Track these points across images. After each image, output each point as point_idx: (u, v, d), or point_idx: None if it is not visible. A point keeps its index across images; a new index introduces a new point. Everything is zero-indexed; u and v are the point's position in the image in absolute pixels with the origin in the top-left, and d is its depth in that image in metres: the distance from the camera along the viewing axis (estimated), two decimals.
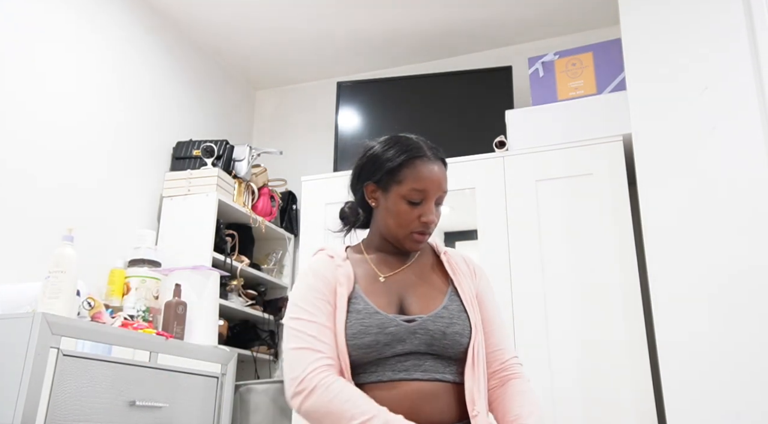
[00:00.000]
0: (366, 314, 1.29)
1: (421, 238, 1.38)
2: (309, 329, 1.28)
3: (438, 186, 1.36)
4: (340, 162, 3.08)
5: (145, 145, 2.91)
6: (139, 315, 2.35)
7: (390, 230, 1.39)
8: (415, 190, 1.35)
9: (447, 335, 1.29)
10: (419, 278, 1.41)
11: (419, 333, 1.28)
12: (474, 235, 2.58)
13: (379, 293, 1.35)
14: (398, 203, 1.36)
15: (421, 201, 1.35)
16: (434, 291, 1.38)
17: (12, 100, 2.29)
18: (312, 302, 1.31)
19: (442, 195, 1.38)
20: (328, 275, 1.35)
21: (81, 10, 2.63)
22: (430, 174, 1.36)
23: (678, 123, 2.24)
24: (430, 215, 1.35)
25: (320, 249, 1.46)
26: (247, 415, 2.73)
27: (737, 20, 2.21)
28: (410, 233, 1.37)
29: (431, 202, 1.36)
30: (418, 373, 1.27)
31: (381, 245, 1.44)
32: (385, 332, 1.27)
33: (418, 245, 1.39)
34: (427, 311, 1.32)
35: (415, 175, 1.35)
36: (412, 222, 1.36)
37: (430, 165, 1.37)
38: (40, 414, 1.70)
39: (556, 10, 3.05)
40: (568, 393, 2.28)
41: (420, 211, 1.35)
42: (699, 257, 2.10)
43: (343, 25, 3.18)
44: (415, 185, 1.35)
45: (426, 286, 1.39)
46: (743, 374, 1.96)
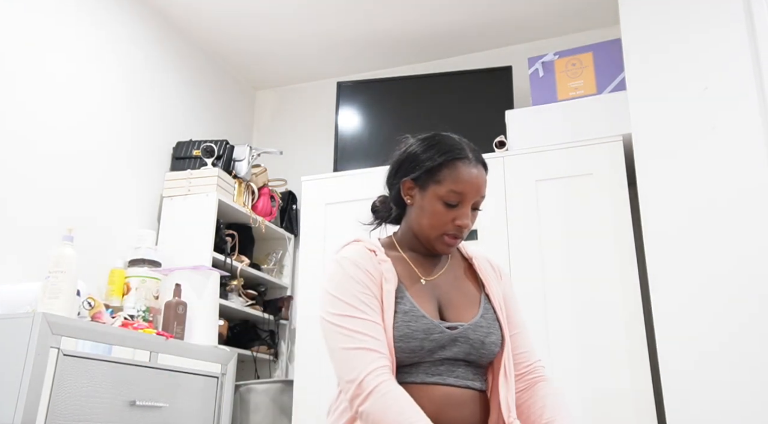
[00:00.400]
0: (413, 316, 1.26)
1: (453, 241, 1.34)
2: (362, 327, 1.22)
3: (477, 190, 1.33)
4: (340, 162, 3.08)
5: (145, 145, 2.92)
6: (139, 315, 2.35)
7: (422, 230, 1.35)
8: (453, 191, 1.31)
9: (485, 344, 1.29)
10: (454, 283, 1.39)
11: (460, 341, 1.27)
12: (474, 235, 2.58)
13: (422, 295, 1.32)
14: (434, 203, 1.32)
15: (457, 204, 1.31)
16: (469, 298, 1.37)
17: (12, 101, 2.30)
18: (359, 297, 1.25)
19: (480, 200, 1.35)
20: (371, 270, 1.29)
21: (81, 10, 2.63)
22: (470, 177, 1.32)
23: (678, 123, 2.24)
24: (465, 218, 1.32)
25: (355, 240, 1.38)
26: (247, 415, 2.73)
27: (737, 20, 2.21)
28: (442, 235, 1.33)
29: (468, 206, 1.33)
30: (451, 378, 1.26)
31: (414, 244, 1.40)
32: (430, 338, 1.25)
33: (449, 248, 1.36)
34: (465, 318, 1.31)
35: (455, 176, 1.31)
36: (446, 224, 1.32)
37: (471, 168, 1.33)
38: (40, 414, 1.70)
39: (556, 10, 3.05)
40: (568, 393, 2.28)
41: (455, 213, 1.32)
42: (699, 256, 2.11)
43: (343, 25, 3.18)
44: (454, 187, 1.31)
45: (461, 292, 1.38)
46: (745, 372, 1.96)
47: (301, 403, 2.65)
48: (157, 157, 2.98)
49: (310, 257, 2.84)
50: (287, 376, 3.16)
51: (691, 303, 2.08)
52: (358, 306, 1.24)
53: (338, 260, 1.32)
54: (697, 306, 2.07)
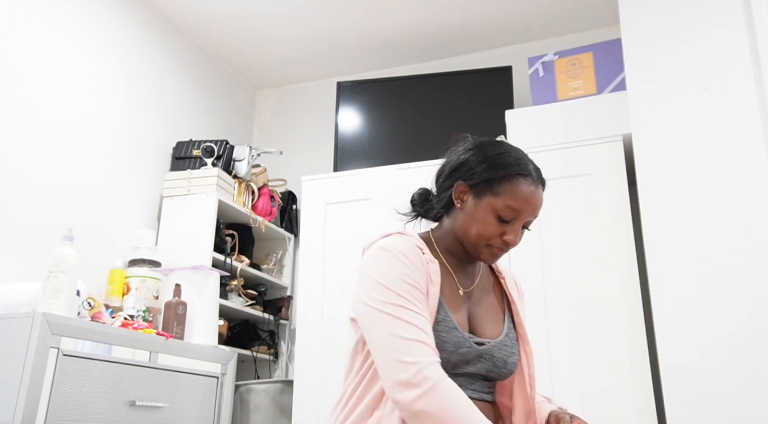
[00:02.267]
0: (445, 326, 1.24)
1: (498, 253, 1.31)
2: (416, 320, 1.17)
3: (533, 210, 1.29)
4: (340, 162, 3.08)
5: (145, 145, 2.92)
6: (139, 315, 2.35)
7: (468, 237, 1.31)
8: (509, 207, 1.27)
9: (507, 364, 1.29)
10: (483, 297, 1.38)
11: (485, 358, 1.26)
12: None
13: (455, 305, 1.30)
14: (487, 215, 1.28)
15: (511, 220, 1.28)
16: (496, 314, 1.36)
17: (12, 101, 2.30)
18: (410, 290, 1.20)
19: (533, 220, 1.32)
20: (420, 267, 1.24)
21: (81, 10, 2.63)
22: (529, 195, 1.28)
23: (678, 123, 2.24)
24: (514, 236, 1.29)
25: (399, 232, 1.32)
26: (247, 415, 2.73)
27: (737, 20, 2.21)
28: (488, 246, 1.30)
29: (520, 224, 1.29)
30: (468, 391, 1.24)
31: (453, 248, 1.36)
32: (459, 351, 1.23)
33: (493, 259, 1.33)
34: (492, 335, 1.31)
35: (515, 192, 1.27)
36: (495, 237, 1.29)
37: (532, 187, 1.29)
38: (40, 414, 1.70)
39: (556, 10, 3.05)
40: (569, 393, 2.28)
41: (506, 229, 1.28)
42: (699, 256, 2.10)
43: (343, 25, 3.18)
44: (512, 203, 1.27)
45: (489, 307, 1.37)
46: (745, 372, 1.96)
47: (301, 403, 2.65)
48: (157, 157, 2.98)
49: (310, 257, 2.84)
50: (287, 376, 3.16)
51: (691, 302, 2.08)
52: (410, 299, 1.19)
53: (387, 248, 1.25)
54: (697, 305, 2.07)
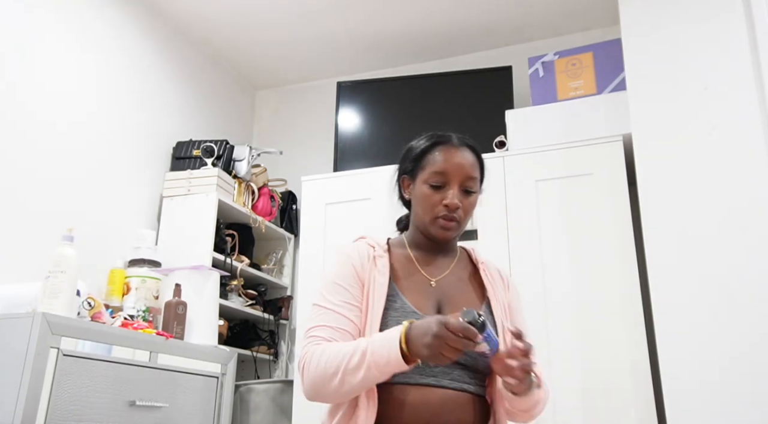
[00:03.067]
0: (403, 312, 1.27)
1: (447, 224, 1.34)
2: (324, 317, 1.29)
3: (460, 169, 1.34)
4: (340, 162, 3.08)
5: (145, 146, 2.91)
6: (139, 315, 2.35)
7: (419, 218, 1.38)
8: (435, 172, 1.34)
9: None
10: (457, 285, 1.38)
11: None
12: (474, 235, 2.58)
13: (419, 294, 1.32)
14: (422, 188, 1.36)
15: (443, 184, 1.34)
16: (470, 301, 1.36)
17: (12, 101, 2.29)
18: (337, 291, 1.31)
19: (468, 181, 1.35)
20: (358, 266, 1.33)
21: (81, 10, 2.63)
22: (452, 157, 1.35)
23: (678, 123, 2.24)
24: (452, 198, 1.32)
25: (361, 237, 1.43)
26: (247, 415, 2.73)
27: (737, 20, 2.21)
28: (435, 219, 1.34)
29: (454, 187, 1.34)
30: (446, 380, 1.25)
31: (419, 240, 1.41)
32: None
33: (445, 232, 1.35)
34: None
35: (436, 158, 1.36)
36: (436, 206, 1.33)
37: (454, 150, 1.36)
38: (40, 414, 1.70)
39: (556, 10, 3.05)
40: (568, 392, 2.28)
41: (443, 194, 1.33)
42: (699, 257, 2.10)
43: (343, 25, 3.18)
44: (436, 168, 1.34)
45: (463, 295, 1.37)
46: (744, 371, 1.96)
47: (300, 403, 2.65)
48: (157, 157, 2.98)
49: (310, 257, 2.84)
50: (287, 376, 3.16)
51: (691, 302, 2.08)
52: (333, 300, 1.30)
53: (338, 252, 1.38)
54: (697, 305, 2.07)
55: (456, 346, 1.08)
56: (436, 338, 1.08)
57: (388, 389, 1.23)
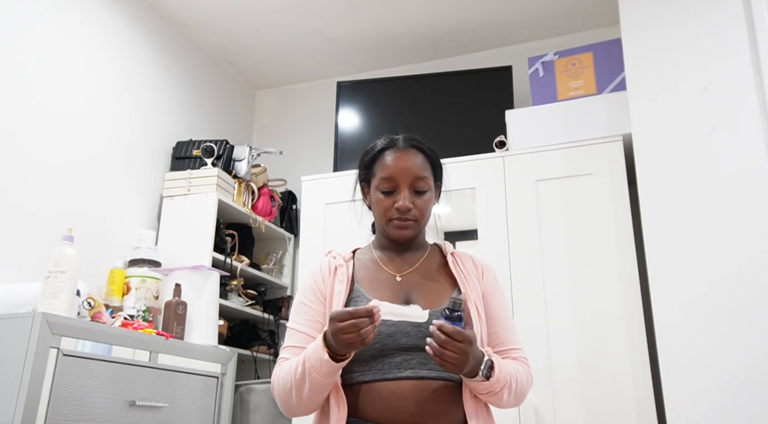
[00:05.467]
0: None
1: (402, 224, 1.38)
2: (293, 339, 1.36)
3: (406, 172, 1.38)
4: (340, 162, 3.08)
5: (145, 145, 2.91)
6: (139, 315, 2.35)
7: (378, 223, 1.45)
8: (383, 179, 1.39)
9: None
10: (426, 277, 1.41)
11: (423, 326, 1.27)
12: (474, 235, 2.58)
13: (384, 289, 1.37)
14: (376, 195, 1.41)
15: (393, 190, 1.38)
16: (440, 290, 1.39)
17: (12, 101, 2.29)
18: (301, 310, 1.38)
19: (417, 181, 1.38)
20: (324, 279, 1.40)
21: (81, 11, 2.63)
22: (397, 162, 1.38)
23: (678, 123, 2.24)
24: (403, 201, 1.36)
25: (328, 251, 1.50)
26: (247, 415, 2.73)
27: (737, 20, 2.21)
28: (390, 221, 1.39)
29: (404, 189, 1.37)
30: (424, 370, 1.26)
31: (384, 242, 1.47)
32: (388, 323, 1.26)
33: (402, 232, 1.39)
34: (432, 307, 1.31)
35: (383, 165, 1.40)
36: (388, 210, 1.38)
37: (399, 153, 1.40)
38: (40, 414, 1.70)
39: (556, 10, 3.05)
40: (568, 392, 2.28)
41: (394, 199, 1.38)
42: (699, 257, 2.10)
43: (343, 25, 3.18)
44: (383, 174, 1.39)
45: (432, 285, 1.40)
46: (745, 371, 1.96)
47: None
48: (157, 157, 2.98)
49: (310, 257, 2.83)
50: None
51: (691, 302, 2.08)
52: (297, 319, 1.38)
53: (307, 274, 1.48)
54: (697, 305, 2.07)
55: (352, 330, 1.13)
56: (334, 331, 1.15)
57: (366, 387, 1.27)
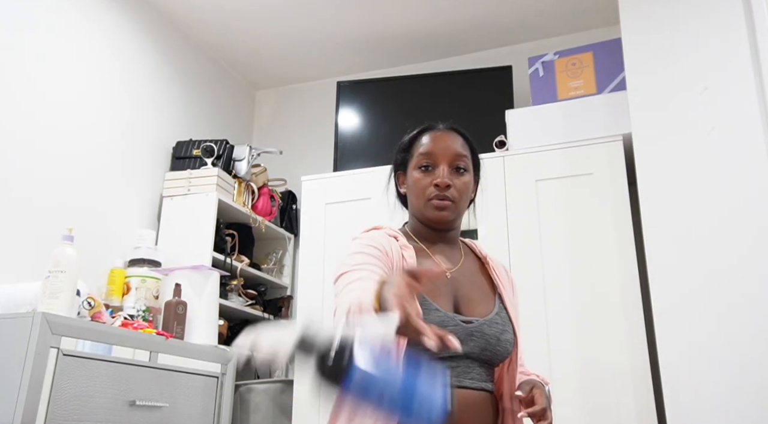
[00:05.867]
0: (425, 309, 1.21)
1: (441, 203, 1.32)
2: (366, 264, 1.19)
3: (446, 148, 1.34)
4: (340, 162, 3.08)
5: (145, 145, 2.91)
6: (139, 315, 2.35)
7: (415, 206, 1.37)
8: (422, 154, 1.35)
9: (501, 341, 1.26)
10: (469, 279, 1.36)
11: (476, 336, 1.24)
12: (474, 235, 2.58)
13: (437, 288, 1.28)
14: (413, 174, 1.36)
15: (431, 165, 1.34)
16: (485, 295, 1.34)
17: (11, 101, 2.29)
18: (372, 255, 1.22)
19: (457, 159, 1.34)
20: (388, 251, 1.26)
21: (81, 10, 2.63)
22: (437, 139, 1.36)
23: (678, 123, 2.24)
24: (441, 177, 1.31)
25: (375, 227, 1.36)
26: (247, 415, 2.73)
27: (737, 20, 2.21)
28: (428, 201, 1.32)
29: (442, 165, 1.33)
30: (467, 380, 1.23)
31: (422, 231, 1.38)
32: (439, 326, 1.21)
33: (440, 213, 1.32)
34: (481, 314, 1.28)
35: (421, 143, 1.37)
36: (427, 187, 1.32)
37: (440, 133, 1.38)
38: (40, 413, 1.70)
39: (556, 10, 3.05)
40: (568, 391, 2.28)
41: (433, 176, 1.33)
42: (699, 257, 2.10)
43: (343, 24, 3.18)
44: (422, 150, 1.36)
45: (476, 288, 1.35)
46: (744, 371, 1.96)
47: (300, 403, 2.65)
48: (157, 157, 2.98)
49: (310, 257, 2.84)
50: (287, 376, 3.16)
51: (691, 301, 2.08)
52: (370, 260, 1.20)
53: (359, 236, 1.32)
54: (697, 304, 2.07)
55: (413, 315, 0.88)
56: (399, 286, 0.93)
57: None
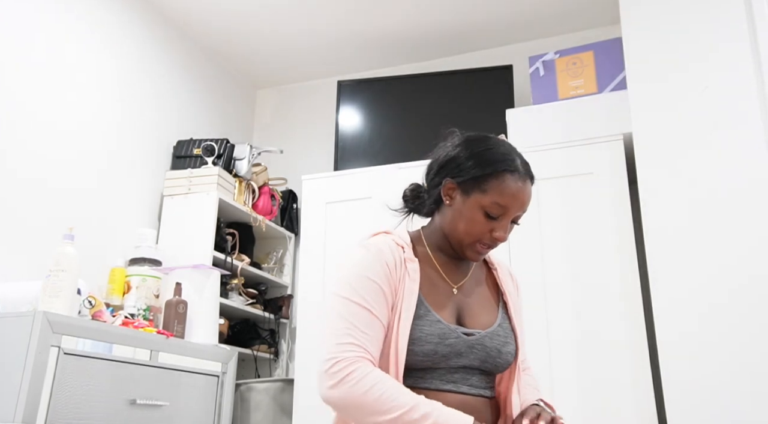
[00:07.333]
0: (427, 321, 1.23)
1: (485, 250, 1.31)
2: (357, 317, 1.18)
3: (521, 206, 1.28)
4: (340, 161, 3.08)
5: (145, 144, 2.92)
6: (140, 314, 2.35)
7: (456, 234, 1.30)
8: (497, 204, 1.26)
9: (502, 353, 1.28)
10: (475, 290, 1.36)
11: (477, 348, 1.25)
12: None
13: (441, 300, 1.29)
14: (474, 212, 1.27)
15: (498, 217, 1.27)
16: (488, 306, 1.35)
17: (12, 100, 2.30)
18: (369, 288, 1.21)
19: (521, 215, 1.30)
20: (391, 266, 1.25)
21: (81, 10, 2.63)
22: (517, 192, 1.26)
23: (678, 122, 2.24)
24: (503, 232, 1.28)
25: (384, 231, 1.33)
26: (247, 414, 2.73)
27: (738, 20, 2.21)
28: (475, 243, 1.29)
29: (508, 219, 1.28)
30: (465, 387, 1.24)
31: (442, 244, 1.35)
32: (445, 343, 1.22)
33: (479, 256, 1.32)
34: (483, 326, 1.29)
35: (502, 189, 1.26)
36: (484, 234, 1.28)
37: (519, 182, 1.27)
38: (40, 413, 1.70)
39: (556, 9, 3.05)
40: (568, 393, 2.28)
41: (494, 225, 1.27)
42: (699, 256, 2.11)
43: (343, 24, 3.18)
44: (500, 200, 1.26)
45: (481, 299, 1.35)
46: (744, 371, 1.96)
47: (301, 402, 2.65)
48: (158, 156, 2.98)
49: (311, 256, 2.84)
50: (287, 375, 3.16)
51: (691, 301, 2.08)
52: (365, 296, 1.20)
53: (365, 246, 1.28)
54: (697, 304, 2.07)
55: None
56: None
57: None
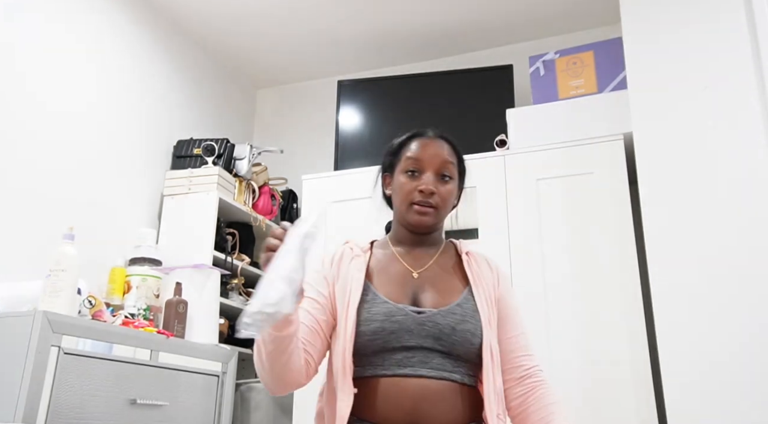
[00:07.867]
0: (373, 303, 1.29)
1: (423, 209, 1.35)
2: None
3: (434, 155, 1.37)
4: (340, 161, 3.08)
5: (145, 144, 2.92)
6: (140, 313, 2.35)
7: (398, 210, 1.40)
8: (409, 158, 1.38)
9: (457, 331, 1.26)
10: (438, 275, 1.37)
11: (428, 326, 1.25)
12: (475, 234, 2.58)
13: (395, 284, 1.34)
14: (399, 178, 1.39)
15: (418, 171, 1.36)
16: (450, 289, 1.35)
17: (13, 100, 2.30)
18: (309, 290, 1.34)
19: (444, 167, 1.37)
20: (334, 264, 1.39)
21: (81, 10, 2.63)
22: (426, 145, 1.39)
23: (679, 122, 2.24)
24: (427, 184, 1.34)
25: (346, 242, 1.46)
26: (247, 413, 2.74)
27: (738, 19, 2.21)
28: (411, 205, 1.35)
29: (429, 172, 1.36)
30: (424, 370, 1.23)
31: (402, 236, 1.43)
32: (392, 319, 1.25)
33: (421, 217, 1.35)
34: (440, 306, 1.30)
35: (410, 147, 1.40)
36: (411, 192, 1.35)
37: (429, 140, 1.40)
38: (41, 412, 1.70)
39: (557, 9, 3.05)
40: (569, 393, 2.28)
41: (418, 181, 1.35)
42: (699, 256, 2.10)
43: (343, 23, 3.18)
44: (410, 154, 1.38)
45: (443, 283, 1.36)
46: (744, 371, 1.96)
47: (301, 401, 2.65)
48: (158, 156, 2.98)
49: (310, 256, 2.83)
50: None
51: (692, 301, 2.08)
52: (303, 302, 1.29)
53: None
54: (698, 304, 2.07)
55: None
56: None
57: (364, 382, 1.24)
